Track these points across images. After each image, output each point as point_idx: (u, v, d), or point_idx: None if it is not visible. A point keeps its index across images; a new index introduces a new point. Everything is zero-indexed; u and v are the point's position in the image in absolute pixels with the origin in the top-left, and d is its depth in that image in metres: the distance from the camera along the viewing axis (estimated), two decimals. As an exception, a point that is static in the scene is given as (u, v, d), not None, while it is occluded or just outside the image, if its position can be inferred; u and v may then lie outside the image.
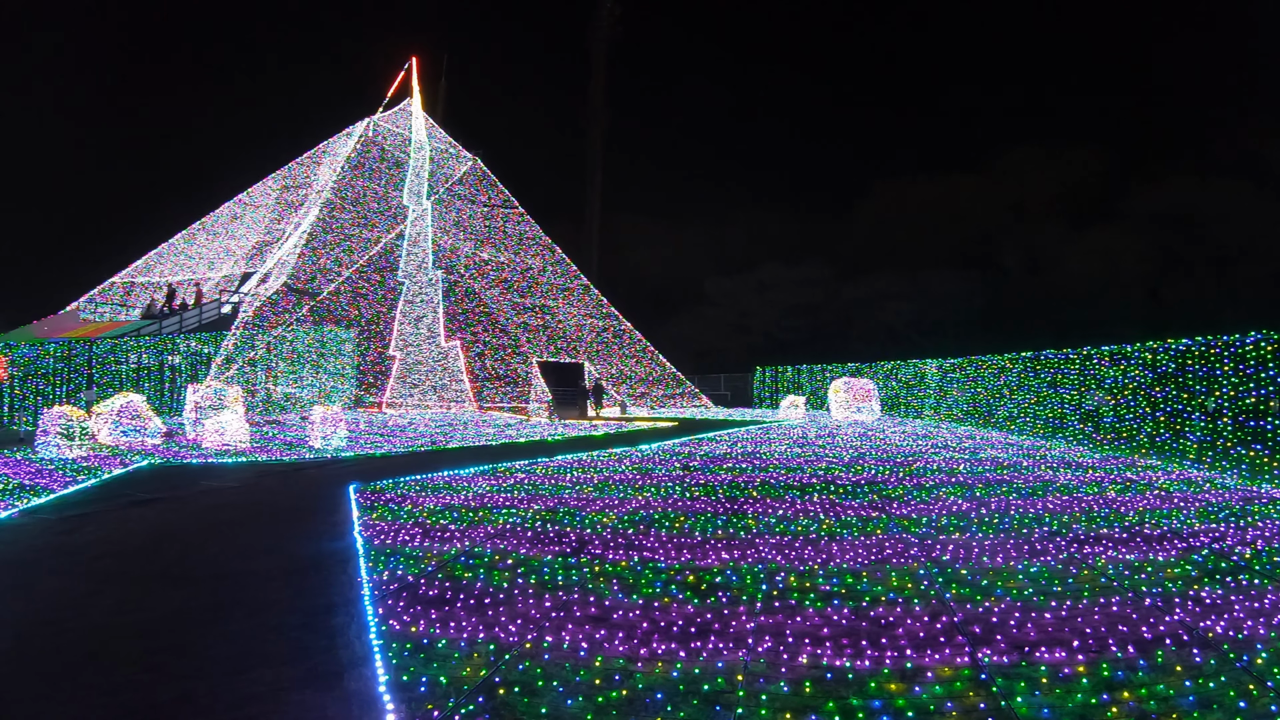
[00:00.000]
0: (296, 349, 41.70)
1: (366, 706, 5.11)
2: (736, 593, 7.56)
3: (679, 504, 12.66)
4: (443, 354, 45.79)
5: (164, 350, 38.50)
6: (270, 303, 43.86)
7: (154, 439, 25.12)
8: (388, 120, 63.36)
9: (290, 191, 60.54)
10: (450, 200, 58.00)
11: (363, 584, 7.98)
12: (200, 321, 47.25)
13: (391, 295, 49.33)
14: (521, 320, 51.97)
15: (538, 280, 56.73)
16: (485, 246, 56.46)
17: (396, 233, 53.65)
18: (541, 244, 59.96)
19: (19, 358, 32.39)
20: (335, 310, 45.87)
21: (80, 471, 17.78)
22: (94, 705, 5.29)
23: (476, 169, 62.40)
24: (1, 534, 11.22)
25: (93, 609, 7.51)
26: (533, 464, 18.66)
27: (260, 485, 16.18)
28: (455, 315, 48.22)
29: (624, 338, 56.30)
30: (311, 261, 48.24)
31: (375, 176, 57.28)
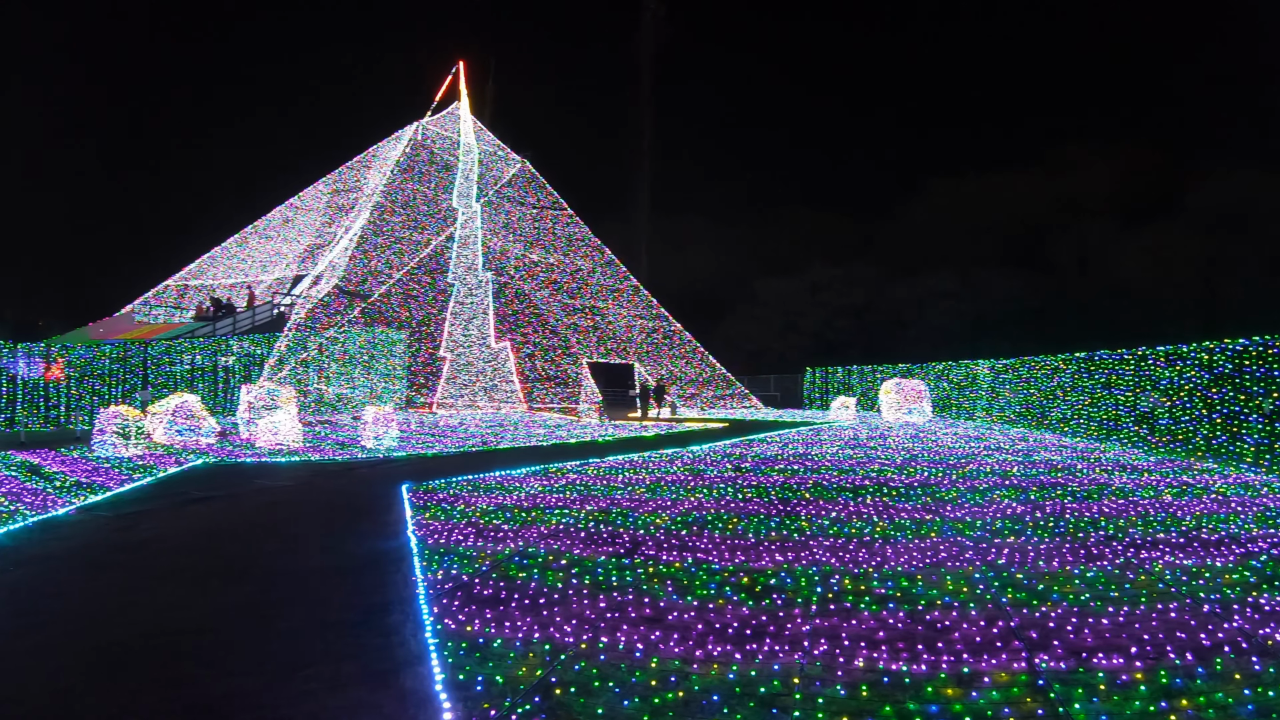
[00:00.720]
0: (348, 350, 42.04)
1: (422, 705, 5.13)
2: (791, 595, 7.53)
3: (732, 505, 12.64)
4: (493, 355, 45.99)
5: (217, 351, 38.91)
6: (322, 304, 44.28)
7: (208, 438, 25.42)
8: (436, 124, 63.70)
9: (341, 195, 61.05)
10: (499, 202, 58.25)
11: (417, 583, 8.03)
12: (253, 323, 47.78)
13: (442, 297, 49.59)
14: (571, 321, 52.06)
15: (587, 281, 56.81)
16: (535, 248, 56.64)
17: (446, 235, 53.94)
18: (591, 245, 60.04)
19: (76, 359, 32.86)
20: (386, 312, 46.20)
21: (136, 470, 18.02)
22: (152, 699, 5.35)
23: (525, 171, 62.61)
24: (60, 530, 11.42)
25: (150, 604, 7.62)
26: (584, 465, 18.70)
27: (313, 484, 16.34)
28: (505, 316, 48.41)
29: (674, 338, 56.23)
30: (363, 264, 48.61)
31: (425, 180, 57.60)
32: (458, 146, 62.57)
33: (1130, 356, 23.92)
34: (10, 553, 10.04)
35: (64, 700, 5.39)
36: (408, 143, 59.74)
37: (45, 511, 12.66)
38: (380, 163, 60.85)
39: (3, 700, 5.40)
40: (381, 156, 61.81)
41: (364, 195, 57.97)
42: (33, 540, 10.74)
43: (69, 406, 31.91)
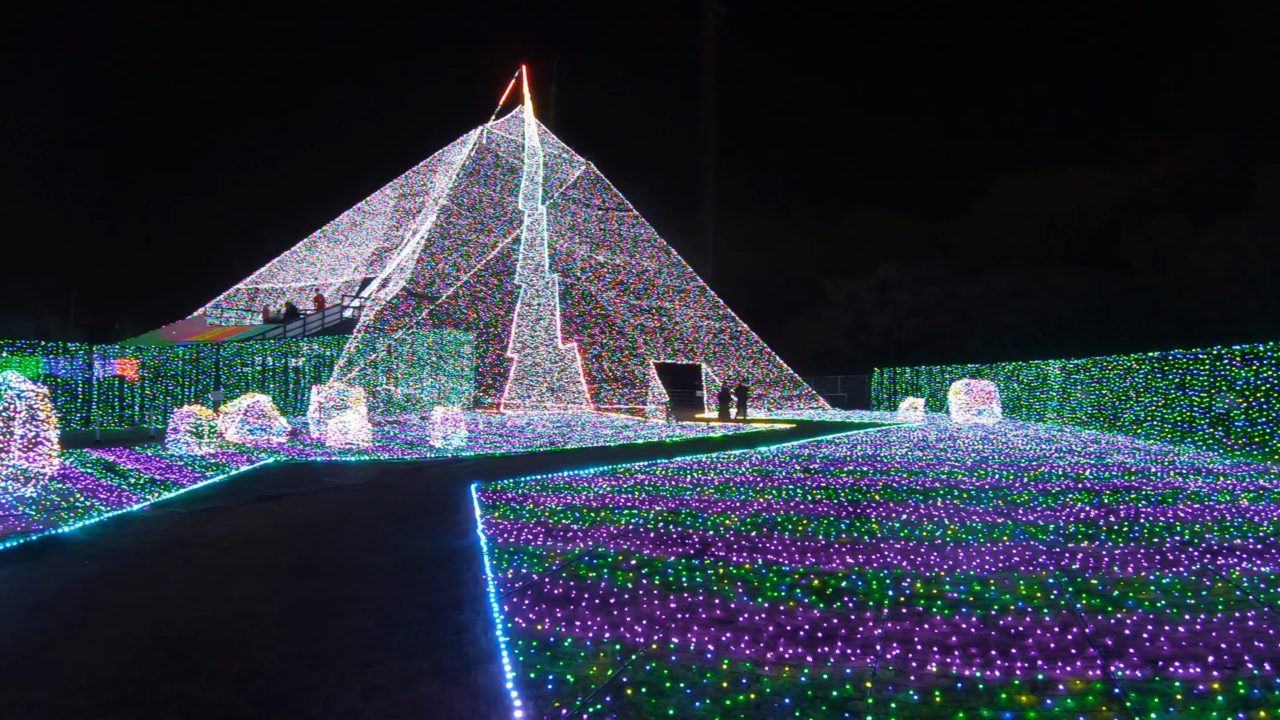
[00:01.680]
0: (416, 351, 42.44)
1: (494, 702, 5.17)
2: (863, 598, 7.49)
3: (801, 507, 12.61)
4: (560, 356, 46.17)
5: (288, 353, 39.52)
6: (391, 307, 44.74)
7: (279, 437, 25.79)
8: (501, 128, 64.04)
9: (408, 199, 61.62)
10: (565, 204, 58.46)
11: (488, 581, 8.10)
12: (323, 325, 48.43)
13: (509, 298, 49.87)
14: (638, 322, 52.09)
15: (654, 282, 56.81)
16: (601, 249, 56.76)
17: (513, 237, 54.23)
18: (656, 245, 60.02)
19: (149, 360, 33.55)
20: (454, 313, 46.55)
21: (209, 468, 18.37)
22: (225, 691, 5.46)
23: (590, 173, 62.75)
24: (134, 526, 11.70)
25: (223, 599, 7.78)
26: (652, 465, 18.75)
27: (383, 483, 16.54)
28: (572, 317, 48.57)
29: (741, 339, 56.05)
30: (430, 266, 49.03)
31: (490, 183, 57.95)
32: (522, 149, 62.87)
33: (1205, 356, 23.43)
34: (87, 547, 10.31)
35: (138, 691, 5.51)
36: (473, 147, 60.11)
37: (120, 507, 12.94)
38: (446, 167, 61.32)
39: (78, 690, 5.54)
40: (447, 161, 62.28)
41: (430, 199, 58.46)
42: (108, 535, 11.03)
43: (143, 406, 32.56)
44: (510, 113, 66.44)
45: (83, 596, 8.01)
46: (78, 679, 5.73)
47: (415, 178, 63.36)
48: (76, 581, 8.58)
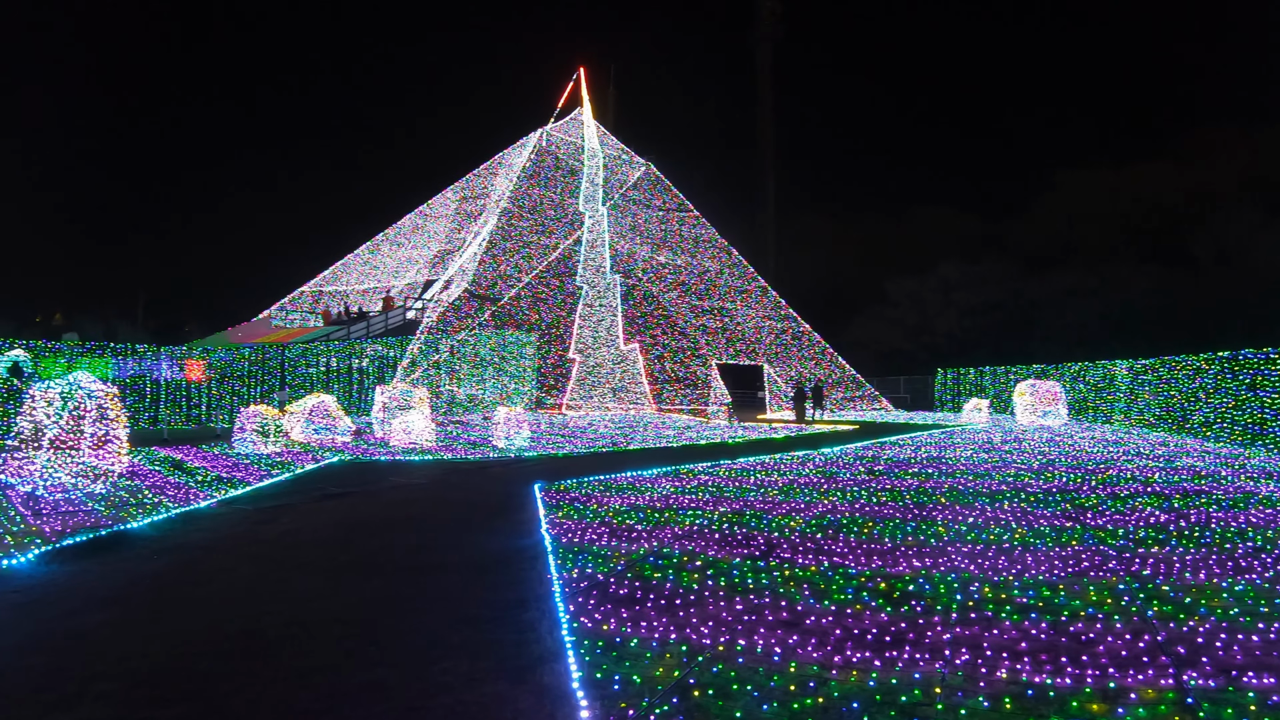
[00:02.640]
0: (479, 352, 42.73)
1: (560, 702, 5.18)
2: (930, 602, 7.40)
3: (866, 509, 12.49)
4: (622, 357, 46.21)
5: (352, 354, 40.00)
6: (453, 308, 45.07)
7: (344, 437, 26.09)
8: (560, 130, 64.23)
9: (469, 202, 62.09)
10: (625, 205, 58.48)
11: (552, 581, 8.11)
12: (386, 327, 48.95)
13: (571, 300, 50.04)
14: (700, 323, 51.99)
15: (715, 282, 56.66)
16: (662, 250, 56.72)
17: (574, 239, 54.40)
18: (718, 246, 59.86)
19: (216, 361, 34.15)
20: (516, 315, 46.78)
21: (275, 466, 18.64)
22: (290, 686, 5.53)
23: (649, 174, 62.71)
24: (201, 522, 11.90)
25: (288, 595, 7.88)
26: (715, 466, 18.68)
27: (447, 482, 16.65)
28: (634, 318, 48.58)
29: (803, 339, 55.75)
30: (492, 268, 49.33)
31: (551, 185, 58.16)
32: (582, 151, 63.00)
33: (1277, 355, 22.90)
34: (155, 542, 10.50)
35: (203, 684, 5.60)
36: (533, 149, 60.38)
37: (188, 504, 13.19)
38: (506, 169, 61.67)
39: (144, 682, 5.63)
40: (507, 163, 62.64)
41: (491, 201, 58.83)
42: (175, 531, 11.23)
43: (210, 406, 33.12)
44: (569, 115, 66.63)
45: (150, 591, 8.15)
46: (144, 671, 5.84)
47: (476, 181, 63.82)
48: (144, 576, 8.74)
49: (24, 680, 5.74)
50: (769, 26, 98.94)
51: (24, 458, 14.72)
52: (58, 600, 7.80)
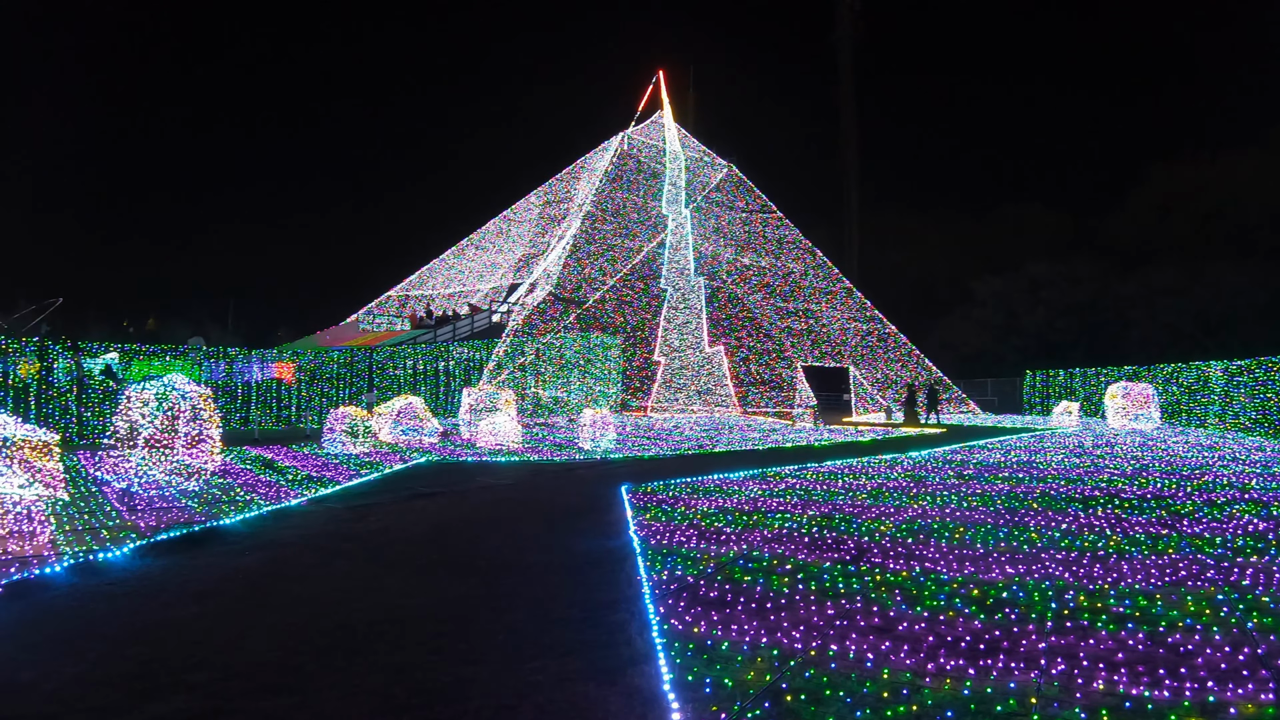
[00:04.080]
0: (564, 354, 42.94)
1: (650, 704, 5.12)
2: (1024, 610, 7.19)
3: (956, 514, 12.25)
4: (706, 359, 46.08)
5: (438, 357, 40.42)
6: (539, 311, 45.36)
7: (431, 438, 26.33)
8: (641, 133, 64.30)
9: (552, 206, 62.54)
10: (708, 207, 58.37)
11: (642, 582, 8.05)
12: (472, 330, 49.44)
13: (655, 302, 50.04)
14: (785, 324, 51.67)
15: (799, 284, 56.28)
16: (745, 252, 56.48)
17: (658, 241, 54.43)
18: (801, 247, 59.45)
19: (306, 364, 34.76)
20: (601, 317, 46.92)
21: (363, 466, 18.88)
22: (382, 681, 5.54)
23: (732, 175, 62.52)
24: (292, 520, 12.09)
25: (379, 592, 7.93)
26: (802, 469, 18.49)
27: (534, 483, 16.68)
28: (718, 320, 48.42)
29: (889, 341, 55.12)
30: (576, 271, 49.56)
31: (633, 188, 58.27)
32: (664, 154, 63.04)
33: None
34: (247, 538, 10.66)
35: (296, 677, 5.64)
36: (614, 153, 60.55)
37: (279, 502, 13.42)
38: (589, 173, 61.96)
39: (238, 674, 5.69)
40: (590, 167, 62.94)
41: (574, 205, 59.15)
42: (267, 528, 11.42)
43: (299, 407, 33.71)
44: (650, 118, 66.69)
45: (243, 585, 8.27)
46: (237, 664, 5.90)
47: (559, 185, 64.24)
48: (236, 571, 8.88)
49: (120, 670, 5.82)
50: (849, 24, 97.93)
51: (119, 456, 15.07)
52: (152, 593, 7.94)
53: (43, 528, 10.18)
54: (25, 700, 5.31)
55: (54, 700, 5.29)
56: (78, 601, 7.66)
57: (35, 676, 5.70)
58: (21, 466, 10.23)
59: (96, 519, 11.70)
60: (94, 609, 7.39)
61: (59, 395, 26.95)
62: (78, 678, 5.67)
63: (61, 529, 10.80)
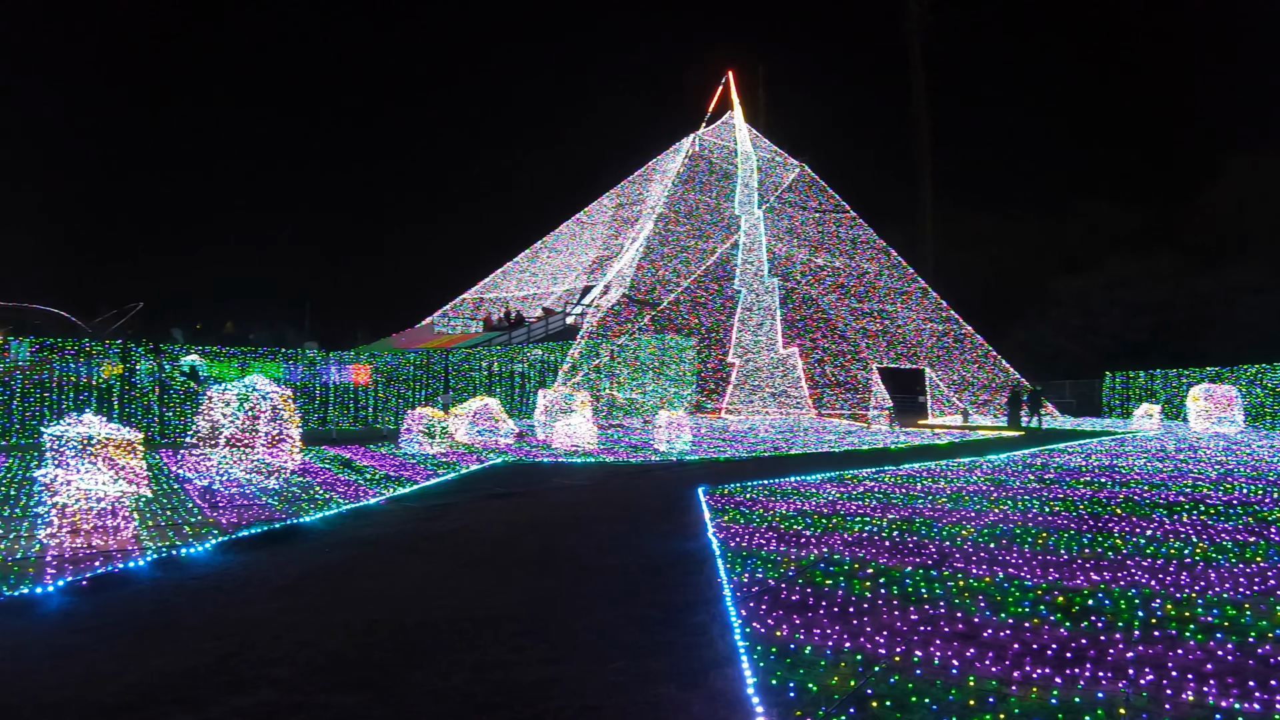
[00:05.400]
0: (638, 356, 43.01)
1: (734, 707, 5.07)
2: (1110, 618, 7.04)
3: (1038, 519, 12.04)
4: (781, 361, 45.83)
5: (513, 359, 40.73)
6: (613, 313, 45.46)
7: (507, 439, 26.50)
8: (712, 134, 64.08)
9: (625, 208, 62.57)
10: (781, 208, 58.03)
11: (722, 584, 8.00)
12: (546, 332, 49.72)
13: (729, 304, 49.85)
14: (860, 326, 51.20)
15: (874, 284, 55.73)
16: (820, 252, 56.09)
17: (731, 242, 54.26)
18: (876, 247, 58.88)
19: (382, 365, 35.24)
20: (675, 319, 46.84)
21: (440, 466, 19.03)
22: (464, 679, 5.57)
23: (804, 175, 62.14)
24: (372, 518, 12.22)
25: (458, 590, 7.97)
26: (879, 472, 18.34)
27: (610, 484, 16.72)
28: (793, 322, 48.11)
29: (965, 342, 54.39)
30: (650, 273, 49.56)
31: (705, 189, 58.11)
32: (735, 154, 62.80)
33: None
34: (326, 536, 10.81)
35: (378, 674, 5.68)
36: (686, 154, 60.49)
37: (357, 500, 13.58)
38: (661, 175, 61.90)
39: (320, 669, 5.75)
40: (661, 169, 62.87)
41: (647, 207, 59.16)
42: (346, 526, 11.55)
43: (375, 408, 34.19)
44: (720, 119, 66.49)
45: (323, 582, 8.36)
46: (319, 659, 5.96)
47: (631, 187, 64.30)
48: (317, 567, 9.00)
49: (202, 662, 5.92)
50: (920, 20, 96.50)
51: (201, 454, 15.41)
52: (234, 588, 8.07)
53: (126, 523, 10.37)
54: (109, 690, 5.40)
55: (138, 691, 5.38)
56: (160, 595, 7.81)
57: (118, 667, 5.80)
58: (106, 464, 10.49)
59: (179, 515, 11.95)
60: (176, 603, 7.53)
61: (141, 396, 27.63)
62: (161, 670, 5.77)
63: (145, 524, 11.03)
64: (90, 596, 7.76)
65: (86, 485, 10.20)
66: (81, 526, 10.02)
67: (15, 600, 7.53)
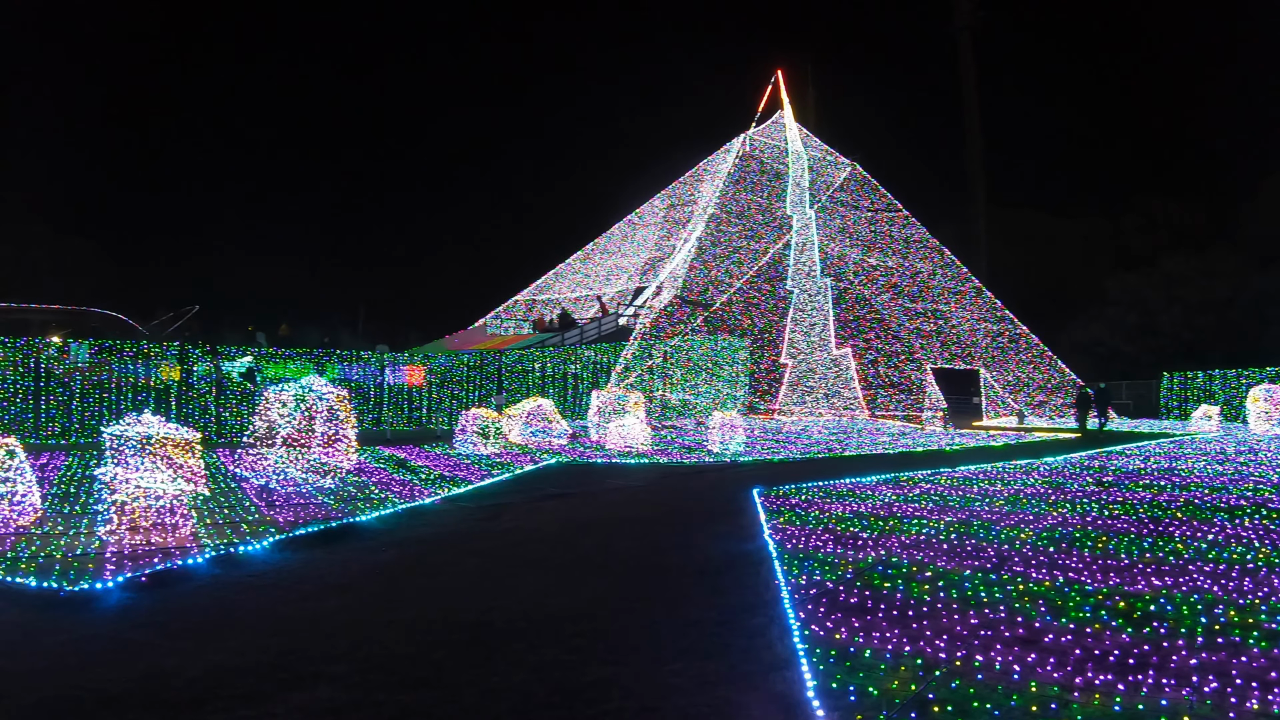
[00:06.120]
0: (691, 357, 42.99)
1: (794, 710, 5.07)
2: (1173, 624, 6.93)
3: (1098, 522, 11.87)
4: (834, 361, 45.56)
5: (566, 360, 40.87)
6: (665, 314, 45.44)
7: (560, 439, 26.57)
8: (763, 134, 63.76)
9: (676, 209, 62.48)
10: (833, 207, 57.68)
11: (780, 587, 7.97)
12: (599, 333, 49.82)
13: (782, 304, 49.64)
14: (913, 326, 50.74)
15: (928, 284, 55.20)
16: (872, 252, 55.67)
17: (783, 243, 54.04)
18: (929, 246, 58.31)
19: (436, 367, 35.52)
20: (728, 320, 46.71)
21: (495, 466, 19.09)
22: (523, 679, 5.60)
23: (855, 174, 61.71)
24: (427, 517, 12.33)
25: (515, 590, 8.02)
26: (935, 474, 18.19)
27: (664, 485, 16.74)
28: (846, 322, 47.78)
29: (1020, 343, 53.77)
30: (702, 274, 49.45)
31: (757, 189, 57.88)
32: (786, 154, 62.51)
33: None
34: (382, 535, 10.92)
35: (436, 672, 5.73)
36: (736, 154, 60.30)
37: (413, 500, 13.66)
38: (712, 175, 61.72)
39: (378, 667, 5.81)
40: (712, 169, 62.66)
41: (698, 208, 59.03)
42: (402, 525, 11.65)
43: (429, 409, 34.47)
44: (770, 118, 66.19)
45: (380, 580, 8.45)
46: (377, 656, 6.02)
47: (683, 188, 64.18)
48: (374, 566, 9.09)
49: (261, 658, 6.00)
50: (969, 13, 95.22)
51: (258, 454, 15.65)
52: (291, 585, 8.17)
53: (185, 521, 10.54)
54: (170, 685, 5.48)
55: (198, 686, 5.47)
56: (219, 592, 7.92)
57: (179, 663, 5.89)
58: (165, 462, 10.69)
59: (236, 513, 12.09)
60: (235, 599, 7.64)
61: (199, 396, 28.07)
62: (220, 665, 5.84)
63: (203, 522, 11.16)
64: (150, 592, 7.89)
65: (146, 483, 10.41)
66: (141, 524, 10.21)
67: (77, 595, 7.67)
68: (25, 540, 9.97)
